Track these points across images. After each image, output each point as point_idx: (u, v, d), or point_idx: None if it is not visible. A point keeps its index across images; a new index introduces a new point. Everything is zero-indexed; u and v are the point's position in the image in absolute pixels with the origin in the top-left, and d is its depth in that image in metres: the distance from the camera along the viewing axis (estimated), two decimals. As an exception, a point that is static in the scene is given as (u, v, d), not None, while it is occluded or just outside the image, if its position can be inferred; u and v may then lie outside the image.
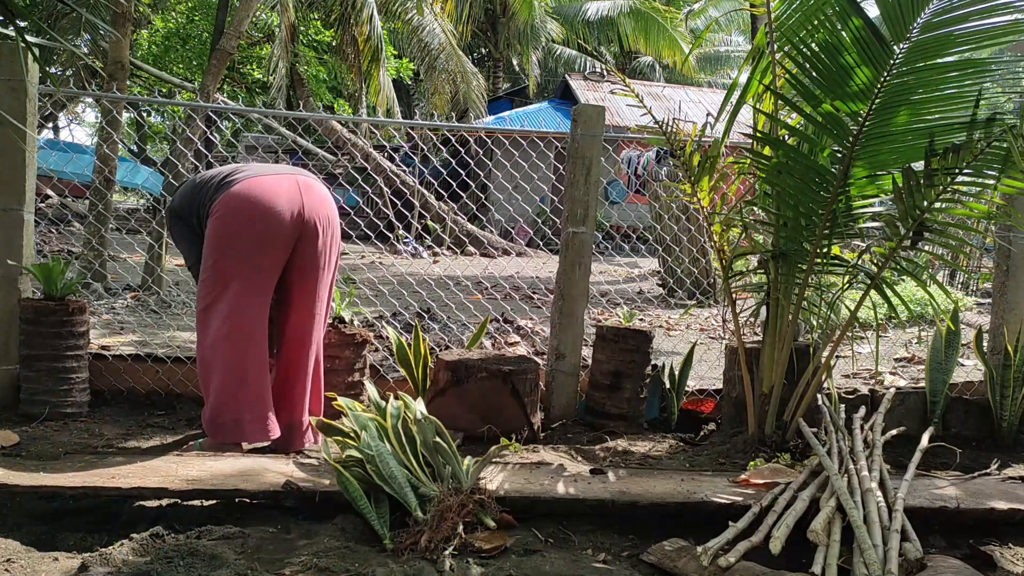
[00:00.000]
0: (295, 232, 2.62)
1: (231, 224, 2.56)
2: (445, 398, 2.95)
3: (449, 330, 5.16)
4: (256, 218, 2.55)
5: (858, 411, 2.65)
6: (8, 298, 3.08)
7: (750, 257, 2.97)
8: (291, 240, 2.62)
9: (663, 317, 6.72)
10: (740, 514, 2.03)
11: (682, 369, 3.41)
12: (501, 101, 21.15)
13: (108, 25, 7.18)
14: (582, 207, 3.33)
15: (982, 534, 2.19)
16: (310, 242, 2.66)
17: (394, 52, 16.95)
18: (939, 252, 3.14)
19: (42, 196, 12.77)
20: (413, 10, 14.14)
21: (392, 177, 13.03)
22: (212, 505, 2.19)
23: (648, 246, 9.94)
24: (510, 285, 7.84)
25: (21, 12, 2.16)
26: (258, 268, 2.59)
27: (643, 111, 2.85)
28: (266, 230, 2.56)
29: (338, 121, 11.42)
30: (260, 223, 2.55)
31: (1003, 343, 3.27)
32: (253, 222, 2.55)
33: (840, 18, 2.37)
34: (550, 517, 2.13)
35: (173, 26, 17.14)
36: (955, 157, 2.31)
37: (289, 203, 2.60)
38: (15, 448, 2.65)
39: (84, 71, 12.78)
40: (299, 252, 2.66)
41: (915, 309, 6.22)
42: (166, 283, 6.68)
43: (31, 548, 1.88)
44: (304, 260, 2.68)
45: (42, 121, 17.12)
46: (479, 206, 14.98)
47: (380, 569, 1.73)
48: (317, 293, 2.73)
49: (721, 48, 25.42)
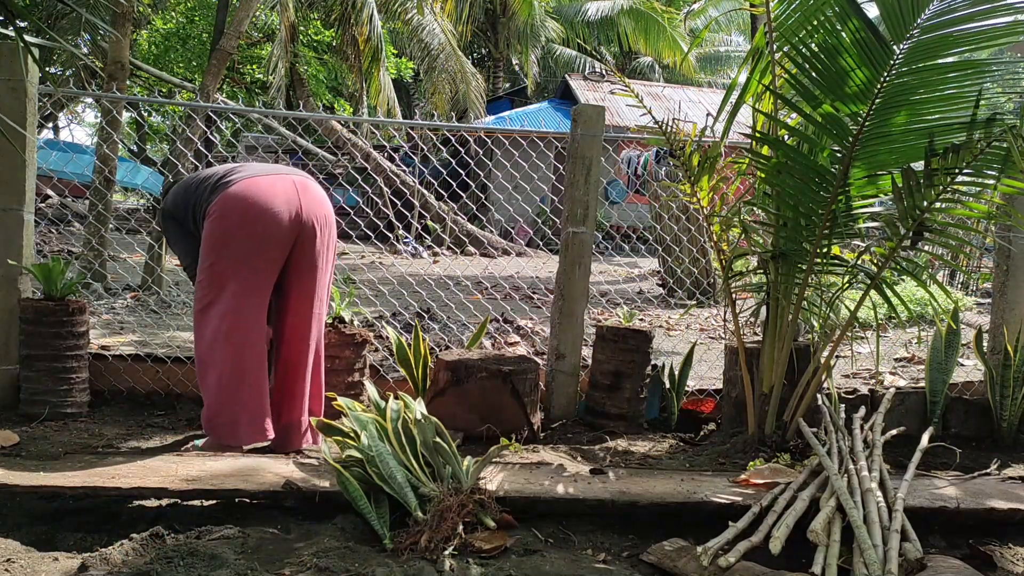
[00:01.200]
0: (293, 233, 2.61)
1: (228, 225, 2.56)
2: (445, 398, 2.95)
3: (449, 330, 5.16)
4: (253, 219, 2.55)
5: (858, 411, 2.66)
6: (8, 298, 3.08)
7: (750, 257, 2.97)
8: (288, 241, 2.62)
9: (663, 317, 6.72)
10: (740, 514, 2.03)
11: (682, 369, 3.41)
12: (501, 101, 21.14)
13: (108, 25, 7.18)
14: (582, 207, 3.33)
15: (982, 534, 2.19)
16: (308, 243, 2.66)
17: (394, 51, 16.96)
18: (939, 252, 3.14)
19: (42, 196, 12.77)
20: (413, 10, 14.13)
21: (392, 177, 13.03)
22: (212, 505, 2.19)
23: (648, 246, 9.94)
24: (510, 285, 7.84)
25: (21, 12, 2.17)
26: (255, 269, 2.59)
27: (643, 111, 2.85)
28: (263, 231, 2.56)
29: (338, 121, 11.42)
30: (257, 224, 2.55)
31: (1003, 343, 3.27)
32: (250, 223, 2.55)
33: (840, 19, 2.37)
34: (550, 517, 2.13)
35: (173, 26, 17.14)
36: (955, 157, 2.31)
37: (287, 204, 2.59)
38: (15, 448, 2.65)
39: (84, 71, 12.78)
40: (296, 253, 2.66)
41: (915, 309, 6.22)
42: (166, 283, 6.68)
43: (31, 548, 1.88)
44: (301, 261, 2.67)
45: (42, 121, 17.12)
46: (479, 206, 14.98)
47: (380, 569, 1.73)
48: (315, 294, 2.73)
49: (721, 48, 25.43)
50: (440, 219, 12.41)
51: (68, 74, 13.14)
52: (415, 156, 14.50)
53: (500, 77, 22.60)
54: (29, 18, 3.15)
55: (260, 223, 2.55)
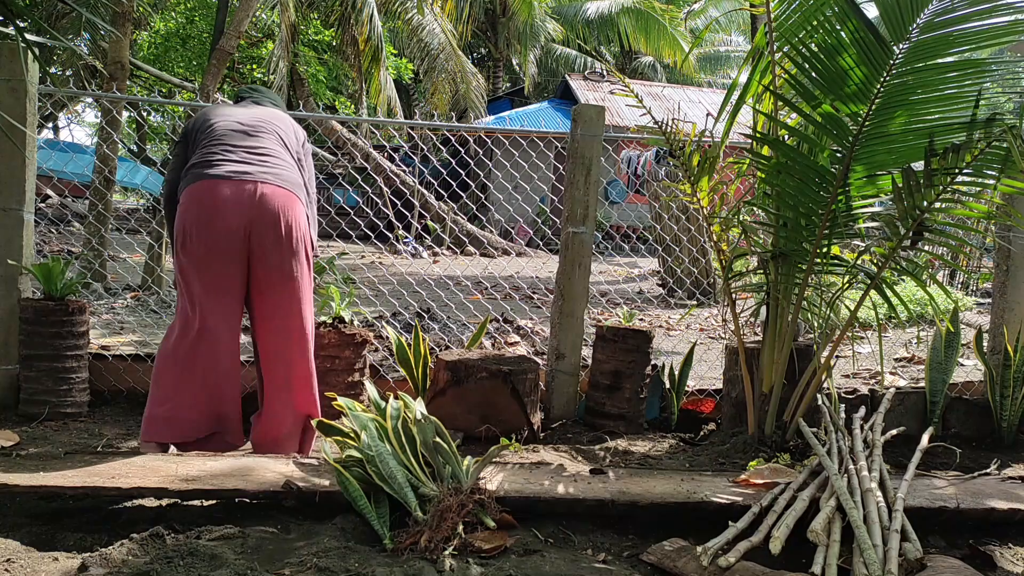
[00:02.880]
0: (244, 245, 2.52)
1: (184, 222, 2.53)
2: (445, 398, 2.95)
3: (449, 330, 5.16)
4: (203, 224, 2.50)
5: (858, 411, 2.65)
6: (8, 298, 3.08)
7: (750, 257, 2.97)
8: (240, 252, 2.53)
9: (663, 317, 6.72)
10: (740, 514, 2.03)
11: (682, 369, 3.41)
12: (501, 101, 21.15)
13: (108, 25, 7.18)
14: (582, 207, 3.33)
15: (982, 534, 2.19)
16: (264, 256, 2.55)
17: (394, 51, 16.95)
18: (939, 252, 3.14)
19: (42, 196, 12.76)
20: (413, 10, 14.14)
21: (392, 177, 13.03)
22: (212, 505, 2.19)
23: (648, 246, 9.94)
24: (510, 285, 7.84)
25: (21, 11, 2.16)
26: (211, 271, 2.52)
27: (643, 111, 2.85)
28: (209, 240, 2.50)
29: (338, 121, 11.42)
30: (205, 230, 2.50)
31: (1003, 343, 3.27)
32: (202, 227, 2.50)
33: (839, 19, 2.37)
34: (550, 517, 2.13)
35: (173, 26, 17.13)
36: (955, 157, 2.31)
37: (238, 216, 2.50)
38: (15, 448, 2.66)
39: (84, 71, 12.78)
40: (255, 265, 2.56)
41: (915, 309, 6.22)
42: (166, 283, 6.68)
43: (31, 548, 1.88)
44: (260, 275, 2.57)
45: (42, 121, 17.12)
46: (479, 206, 14.98)
47: (380, 569, 1.73)
48: (284, 307, 2.61)
49: (721, 48, 25.44)
50: (440, 219, 12.41)
51: (68, 74, 13.13)
52: (415, 156, 14.49)
53: (500, 77, 22.60)
54: (31, 16, 3.15)
55: (207, 230, 2.50)
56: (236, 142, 2.64)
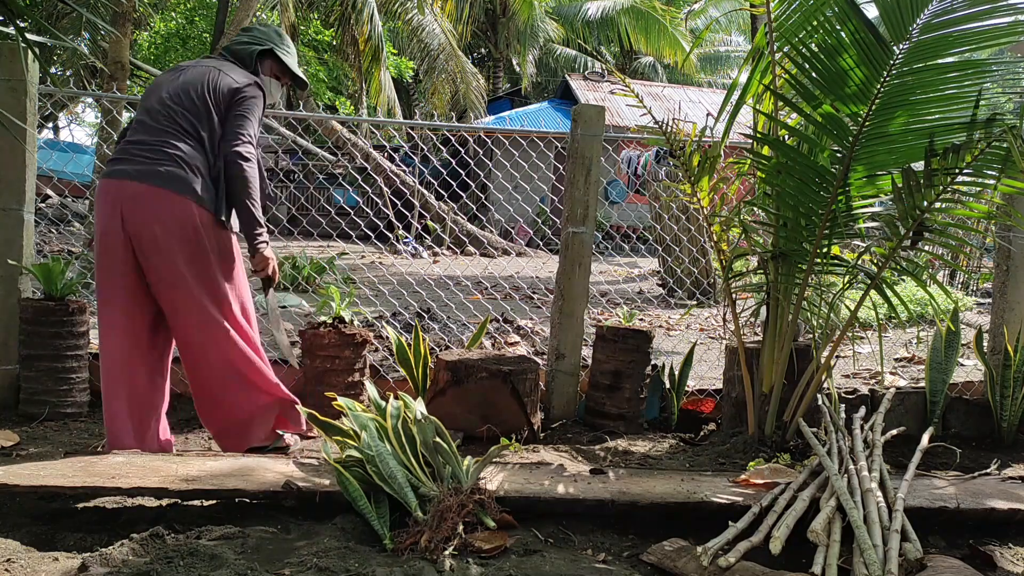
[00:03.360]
0: (125, 246, 2.47)
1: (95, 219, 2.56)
2: (445, 398, 2.95)
3: (449, 330, 5.16)
4: (97, 222, 2.52)
5: (858, 411, 2.65)
6: (8, 298, 3.08)
7: (750, 257, 2.97)
8: (123, 252, 2.47)
9: (663, 317, 6.72)
10: (740, 514, 2.03)
11: (682, 369, 3.41)
12: (501, 101, 21.15)
13: (108, 25, 7.18)
14: (582, 207, 3.33)
15: (982, 534, 2.19)
16: (144, 262, 2.49)
17: (394, 51, 16.95)
18: (939, 252, 3.13)
19: (42, 196, 12.75)
20: (413, 10, 14.15)
21: (392, 177, 13.03)
22: (212, 505, 2.19)
23: (648, 246, 9.94)
24: (510, 285, 7.84)
25: (21, 11, 2.16)
26: (106, 272, 2.52)
27: (643, 111, 2.85)
28: (100, 239, 2.50)
29: (338, 121, 11.42)
30: (97, 229, 2.51)
31: (1003, 343, 3.27)
32: (97, 225, 2.52)
33: (839, 19, 2.37)
34: (550, 517, 2.13)
35: (173, 26, 17.13)
36: (955, 157, 2.31)
37: (112, 218, 2.46)
38: (15, 448, 2.66)
39: (84, 71, 12.78)
40: (143, 267, 2.50)
41: (915, 309, 6.22)
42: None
43: (31, 548, 1.88)
44: (149, 275, 2.51)
45: (42, 121, 17.11)
46: (479, 206, 14.98)
47: (380, 569, 1.73)
48: (172, 317, 2.56)
49: (721, 48, 25.44)
50: (440, 219, 12.41)
51: (68, 74, 13.14)
52: (415, 156, 14.50)
53: (500, 77, 22.60)
54: (31, 16, 3.15)
55: (98, 229, 2.50)
56: (134, 136, 2.55)
